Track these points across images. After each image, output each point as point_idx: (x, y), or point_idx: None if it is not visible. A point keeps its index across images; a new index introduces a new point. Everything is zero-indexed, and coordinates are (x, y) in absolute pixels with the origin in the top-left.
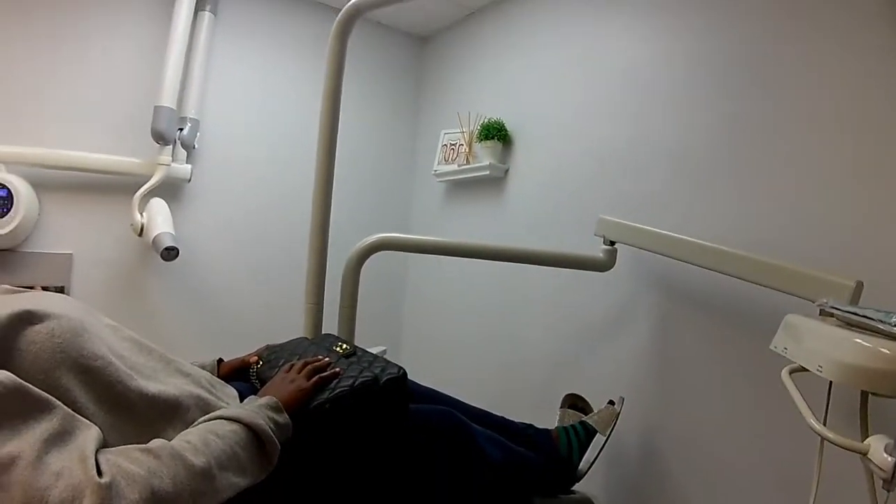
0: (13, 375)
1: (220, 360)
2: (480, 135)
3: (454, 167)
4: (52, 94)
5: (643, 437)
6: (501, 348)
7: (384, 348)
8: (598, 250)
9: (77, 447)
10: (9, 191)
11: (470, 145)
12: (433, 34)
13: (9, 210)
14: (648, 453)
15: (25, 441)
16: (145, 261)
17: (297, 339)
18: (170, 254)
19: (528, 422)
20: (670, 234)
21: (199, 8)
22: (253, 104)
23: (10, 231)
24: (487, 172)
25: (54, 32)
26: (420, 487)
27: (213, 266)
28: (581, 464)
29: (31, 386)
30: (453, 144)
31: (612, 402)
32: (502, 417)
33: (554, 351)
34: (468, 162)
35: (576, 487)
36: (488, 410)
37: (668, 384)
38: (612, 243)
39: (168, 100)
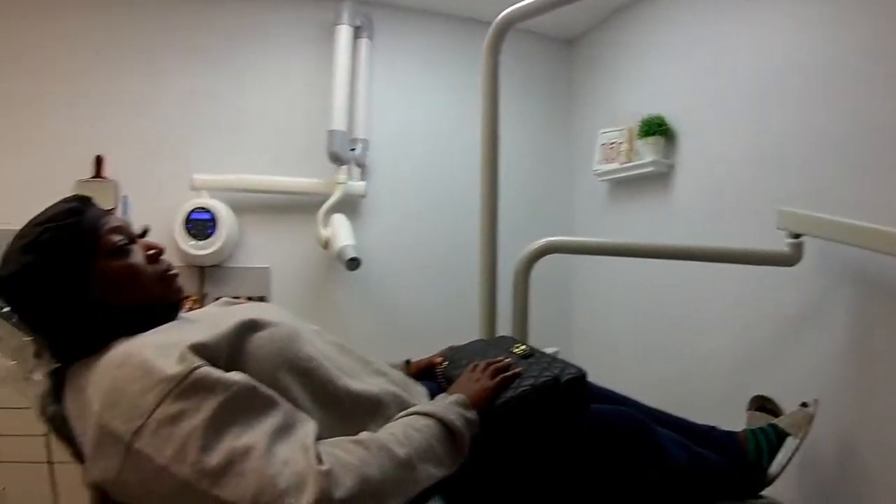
0: (247, 376)
1: (408, 361)
2: (641, 131)
3: (615, 165)
4: (241, 128)
5: (839, 440)
6: (679, 349)
7: (557, 349)
8: (781, 244)
9: (300, 439)
10: (212, 214)
11: (630, 143)
12: (579, 36)
13: (213, 231)
14: (845, 457)
15: (258, 433)
16: (331, 271)
17: (476, 340)
18: (353, 264)
19: (710, 424)
20: (866, 224)
21: (356, 36)
22: (415, 120)
23: (217, 249)
24: (651, 169)
25: (236, 77)
26: (599, 489)
27: (392, 274)
28: (773, 467)
29: (260, 384)
30: (612, 143)
31: (805, 405)
32: (684, 419)
33: (738, 351)
34: (629, 160)
35: (765, 493)
36: (668, 412)
37: (865, 384)
38: (798, 236)
39: (339, 123)
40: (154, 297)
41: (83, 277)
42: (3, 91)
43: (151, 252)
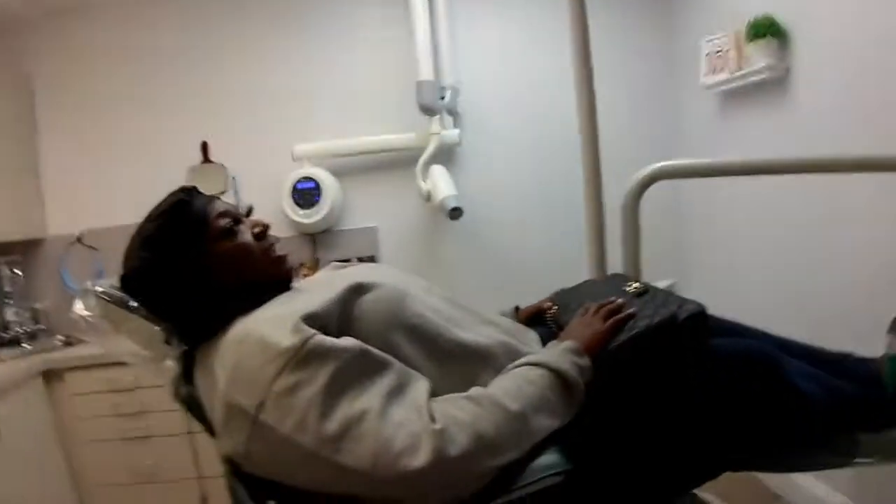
0: (357, 340)
1: (517, 308)
2: (750, 34)
3: (725, 76)
4: (330, 94)
5: None
6: (809, 272)
7: (672, 281)
8: None
9: (413, 399)
10: (316, 183)
11: (739, 49)
12: None
13: (319, 198)
14: None
15: (372, 396)
16: (435, 223)
17: (587, 281)
18: (455, 213)
19: (844, 351)
20: None
21: None
22: (503, 58)
23: (324, 216)
24: (765, 76)
25: (318, 44)
26: (724, 429)
27: (496, 220)
28: None
29: (371, 348)
30: (719, 51)
31: None
32: (816, 346)
33: (877, 269)
34: (740, 68)
35: None
36: (798, 341)
37: None
38: None
39: (426, 73)
40: (265, 272)
41: (198, 263)
42: (108, 91)
43: (258, 230)
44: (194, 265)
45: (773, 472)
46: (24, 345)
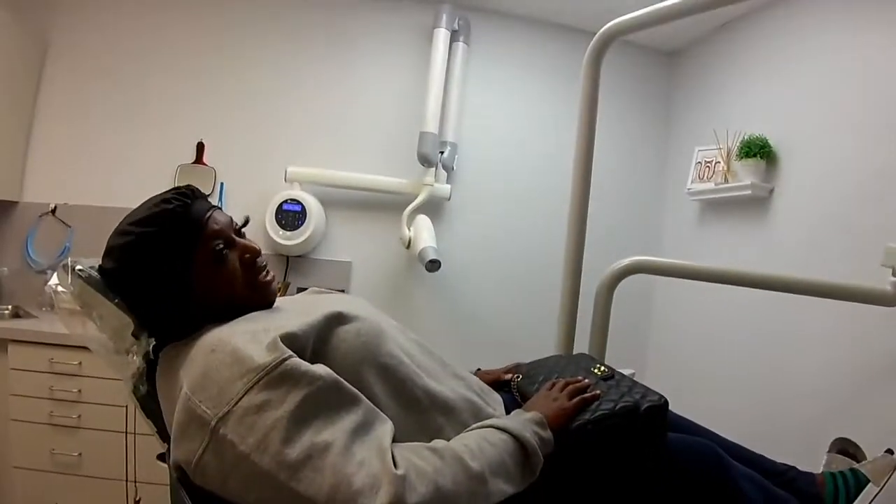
0: (331, 371)
1: (477, 370)
2: (741, 152)
3: (710, 185)
4: (334, 124)
5: None
6: (761, 382)
7: (632, 371)
8: (884, 283)
9: (376, 439)
10: (303, 206)
11: (728, 163)
12: (683, 48)
13: (302, 223)
14: None
15: (338, 430)
16: (411, 270)
17: (554, 356)
18: (433, 266)
19: (788, 464)
20: None
21: (453, 39)
22: (506, 127)
23: (304, 241)
24: (749, 192)
25: (335, 74)
26: None
27: (471, 279)
28: None
29: (343, 381)
30: (709, 162)
31: (890, 451)
32: (761, 456)
33: (824, 390)
34: (726, 181)
35: None
36: (745, 447)
37: None
38: None
39: (431, 126)
40: (248, 298)
41: (180, 281)
42: (119, 73)
43: (247, 256)
44: (175, 281)
45: None
46: None
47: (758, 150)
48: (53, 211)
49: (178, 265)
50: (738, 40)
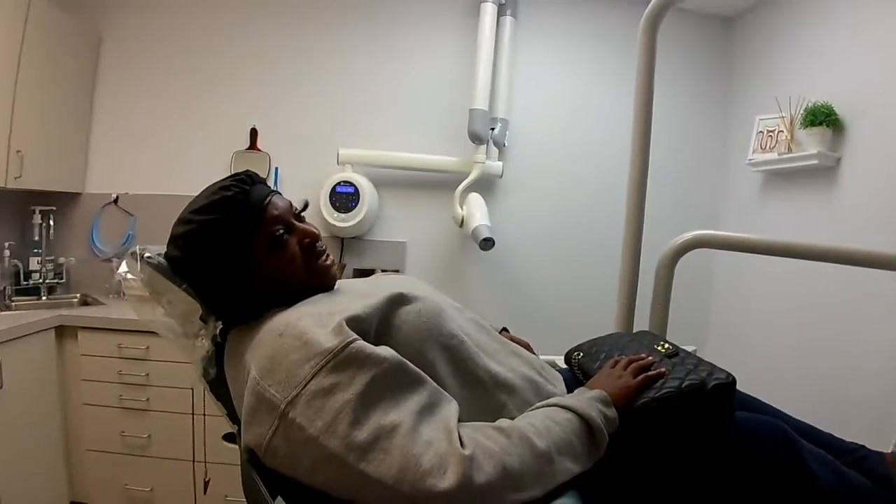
0: (395, 352)
1: (503, 329)
2: (805, 120)
3: (773, 156)
4: (384, 105)
5: None
6: (827, 358)
7: (694, 348)
8: None
9: (443, 419)
10: (356, 188)
11: (791, 132)
12: (740, 13)
13: (356, 204)
14: None
15: (404, 411)
16: (465, 249)
17: (615, 333)
18: (487, 244)
19: (858, 442)
20: None
21: (500, 13)
22: (558, 101)
23: (358, 222)
24: (815, 162)
25: (383, 54)
26: (739, 500)
27: (525, 257)
28: None
29: (407, 362)
30: (771, 131)
31: None
32: (830, 435)
33: (893, 367)
34: (789, 150)
35: None
36: (814, 425)
37: None
38: None
39: (481, 102)
40: (307, 283)
41: (241, 268)
42: (173, 63)
43: (307, 241)
44: (238, 267)
45: None
46: (42, 296)
47: (823, 118)
48: (116, 201)
49: (239, 251)
50: (799, 3)
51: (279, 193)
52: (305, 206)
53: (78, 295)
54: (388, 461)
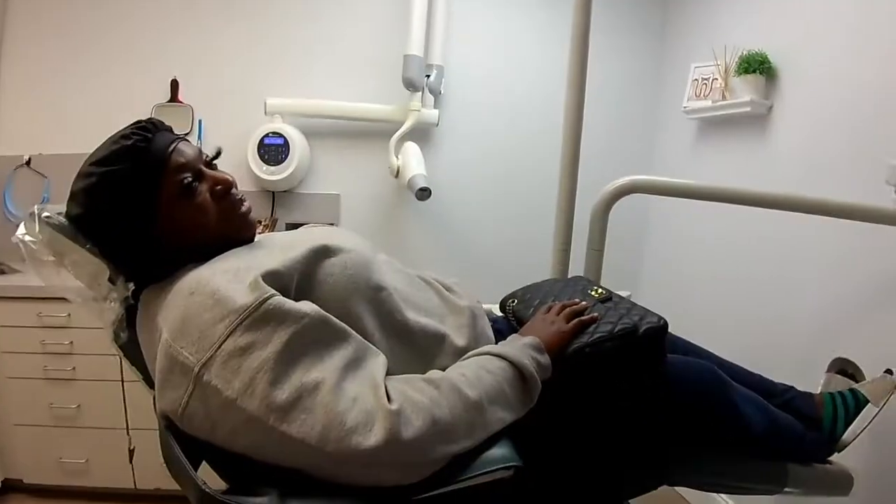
0: (317, 307)
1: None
2: (739, 68)
3: (707, 103)
4: (313, 52)
5: None
6: (759, 303)
7: (629, 293)
8: (887, 200)
9: (369, 374)
10: (285, 139)
11: (726, 80)
12: None
13: (286, 156)
14: None
15: (327, 368)
16: (401, 200)
17: (549, 280)
18: (423, 194)
19: (787, 384)
20: None
21: None
22: (493, 48)
23: (289, 175)
24: (748, 109)
25: None
26: (668, 444)
27: (462, 206)
28: (846, 434)
29: (331, 317)
30: (706, 79)
31: (889, 372)
32: (760, 376)
33: (823, 309)
34: (724, 98)
35: (834, 458)
36: (744, 367)
37: None
38: None
39: (416, 48)
40: (222, 234)
41: (148, 221)
42: (85, 17)
43: (219, 188)
44: (143, 220)
45: (705, 491)
46: None
47: (757, 66)
48: (28, 162)
49: (144, 203)
50: None
51: (186, 140)
52: (218, 154)
53: None
54: (310, 420)
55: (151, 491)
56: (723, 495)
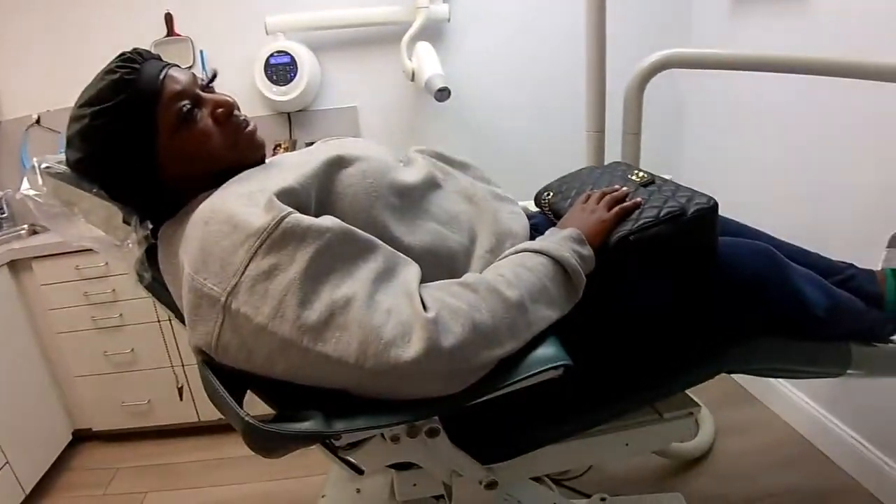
0: (340, 221)
1: None
2: None
3: None
4: None
5: None
6: (809, 177)
7: (670, 176)
8: None
9: (402, 284)
10: (291, 57)
11: None
12: None
13: (295, 74)
14: None
15: (357, 282)
16: (420, 103)
17: (586, 168)
18: (442, 94)
19: (847, 262)
20: None
21: None
22: None
23: (300, 93)
24: None
25: None
26: (729, 328)
27: (486, 102)
28: None
29: (355, 229)
30: None
31: None
32: (817, 255)
33: (880, 181)
34: None
35: None
36: (801, 247)
37: None
38: None
39: None
40: (230, 161)
41: (149, 157)
42: None
43: (220, 111)
44: (144, 154)
45: (763, 376)
46: None
47: None
48: (38, 121)
49: (143, 135)
50: None
51: (177, 66)
52: (214, 76)
53: (25, 226)
54: (346, 338)
55: (215, 422)
56: (781, 380)
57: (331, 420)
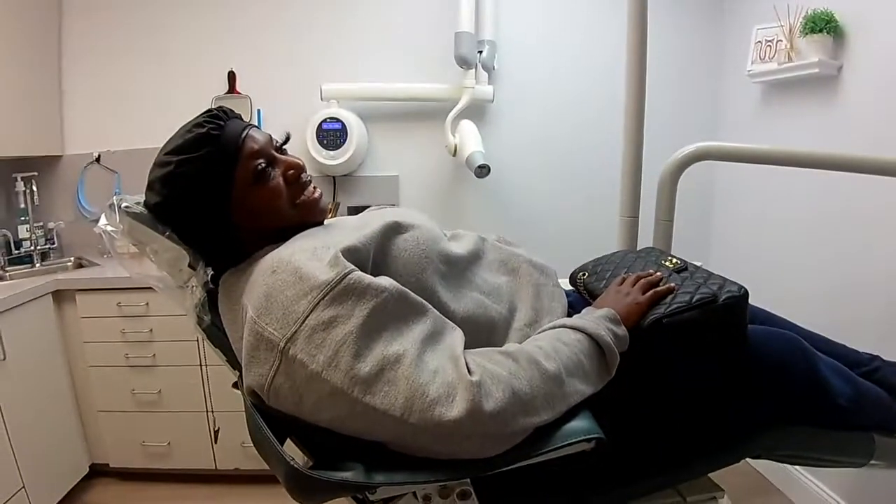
0: (395, 282)
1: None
2: (805, 28)
3: (773, 66)
4: (365, 35)
5: None
6: (836, 269)
7: (700, 263)
8: None
9: (449, 347)
10: (343, 124)
11: (791, 41)
12: None
13: (344, 140)
14: None
15: (408, 341)
16: (460, 178)
17: (620, 251)
18: (482, 171)
19: (873, 353)
20: None
21: None
22: (548, 18)
23: (348, 159)
24: (816, 70)
25: None
26: (751, 415)
27: (522, 181)
28: None
29: (409, 291)
30: (769, 41)
31: None
32: (844, 346)
33: None
34: (789, 59)
35: None
36: (828, 337)
37: None
38: None
39: (466, 24)
40: (296, 219)
41: (224, 207)
42: (141, 13)
43: (291, 172)
44: (220, 205)
45: (785, 463)
46: (35, 264)
47: (823, 25)
48: (98, 159)
49: (220, 188)
50: None
51: (257, 127)
52: (287, 139)
53: (72, 258)
54: (393, 392)
55: (231, 471)
56: (801, 470)
57: (371, 473)
